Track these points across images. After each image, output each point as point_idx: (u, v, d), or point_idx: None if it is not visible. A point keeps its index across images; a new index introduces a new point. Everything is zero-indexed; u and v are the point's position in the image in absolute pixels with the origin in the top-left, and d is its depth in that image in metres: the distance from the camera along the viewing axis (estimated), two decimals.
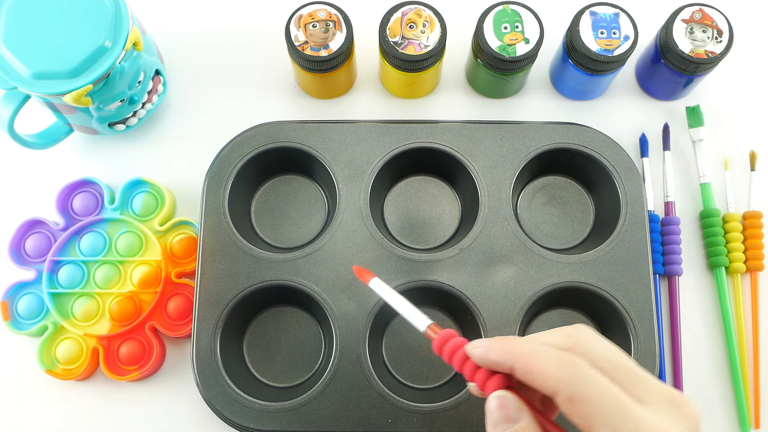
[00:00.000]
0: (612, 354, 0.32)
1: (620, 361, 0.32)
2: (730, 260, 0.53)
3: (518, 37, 0.51)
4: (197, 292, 0.50)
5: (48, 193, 0.55)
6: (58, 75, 0.47)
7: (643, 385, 0.31)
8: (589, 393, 0.30)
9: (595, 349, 0.32)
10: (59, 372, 0.51)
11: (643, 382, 0.31)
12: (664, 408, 0.31)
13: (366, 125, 0.53)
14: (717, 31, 0.51)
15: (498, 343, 0.33)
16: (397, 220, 0.54)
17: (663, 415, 0.30)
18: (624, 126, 0.57)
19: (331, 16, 0.52)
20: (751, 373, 0.52)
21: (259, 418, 0.47)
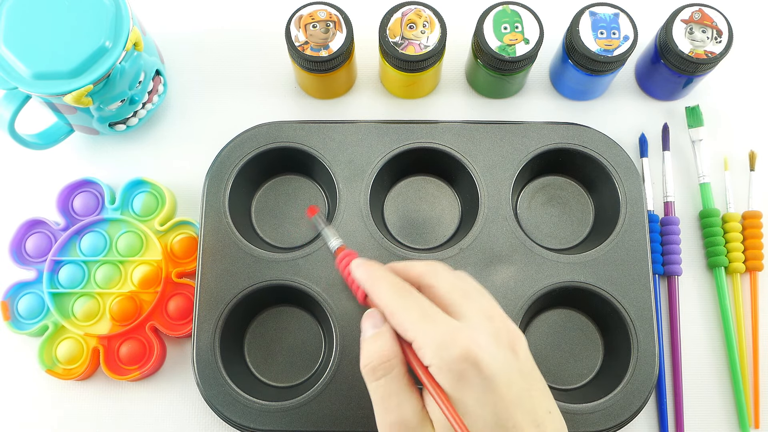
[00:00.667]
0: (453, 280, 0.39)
1: (456, 285, 0.38)
2: (729, 260, 0.53)
3: (518, 37, 0.51)
4: (197, 291, 0.50)
5: (48, 193, 0.55)
6: (58, 75, 0.47)
7: (467, 302, 0.38)
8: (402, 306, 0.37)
9: (440, 277, 0.39)
10: (60, 372, 0.51)
11: (468, 301, 0.38)
12: (477, 320, 0.37)
13: (366, 125, 0.53)
14: (716, 32, 0.51)
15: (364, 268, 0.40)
16: (397, 220, 0.54)
17: (473, 324, 0.36)
18: (624, 126, 0.57)
19: (332, 16, 0.52)
20: (750, 373, 0.52)
21: (259, 418, 0.47)
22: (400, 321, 0.37)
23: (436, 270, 0.39)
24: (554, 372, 0.51)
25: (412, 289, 0.38)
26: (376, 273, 0.40)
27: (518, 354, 0.37)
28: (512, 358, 0.36)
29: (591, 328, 0.52)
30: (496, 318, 0.37)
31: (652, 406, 0.52)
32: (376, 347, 0.37)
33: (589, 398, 0.49)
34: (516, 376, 0.36)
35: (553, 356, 0.51)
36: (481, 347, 0.35)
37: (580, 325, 0.52)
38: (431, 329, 0.36)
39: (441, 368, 0.35)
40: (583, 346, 0.52)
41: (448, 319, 0.37)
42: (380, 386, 0.37)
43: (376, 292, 0.39)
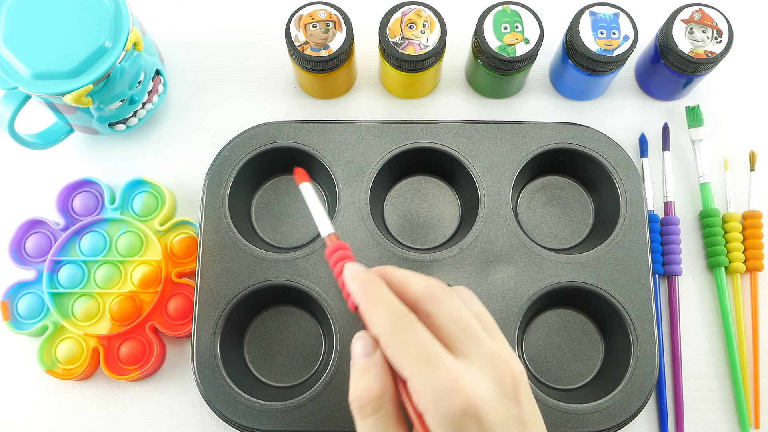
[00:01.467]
0: (454, 310, 0.35)
1: (458, 318, 0.35)
2: (729, 260, 0.53)
3: (518, 37, 0.51)
4: (197, 291, 0.50)
5: (48, 193, 0.55)
6: (58, 75, 0.47)
7: (471, 342, 0.34)
8: (400, 341, 0.34)
9: (442, 306, 0.35)
10: (59, 372, 0.51)
11: (472, 340, 0.34)
12: (481, 364, 0.34)
13: (366, 125, 0.53)
14: (717, 32, 0.51)
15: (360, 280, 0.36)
16: (397, 220, 0.54)
17: (477, 370, 0.33)
18: (624, 126, 0.57)
19: (331, 16, 0.52)
20: (750, 373, 0.52)
21: (259, 417, 0.47)
22: (395, 357, 0.34)
23: (435, 296, 0.35)
24: (554, 372, 0.51)
25: (411, 319, 0.34)
26: (373, 292, 0.36)
27: (520, 402, 0.34)
28: (514, 408, 0.34)
29: (591, 328, 0.52)
30: (500, 362, 0.34)
31: (652, 406, 0.52)
32: (364, 383, 0.35)
33: (589, 398, 0.49)
34: (515, 426, 0.33)
35: (553, 356, 0.51)
36: (484, 400, 0.32)
37: (580, 325, 0.52)
38: (430, 374, 0.33)
39: (437, 419, 0.32)
40: (583, 346, 0.52)
41: (449, 361, 0.33)
42: (366, 427, 0.34)
43: (372, 318, 0.35)
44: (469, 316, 0.35)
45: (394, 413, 0.34)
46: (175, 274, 0.52)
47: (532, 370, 0.51)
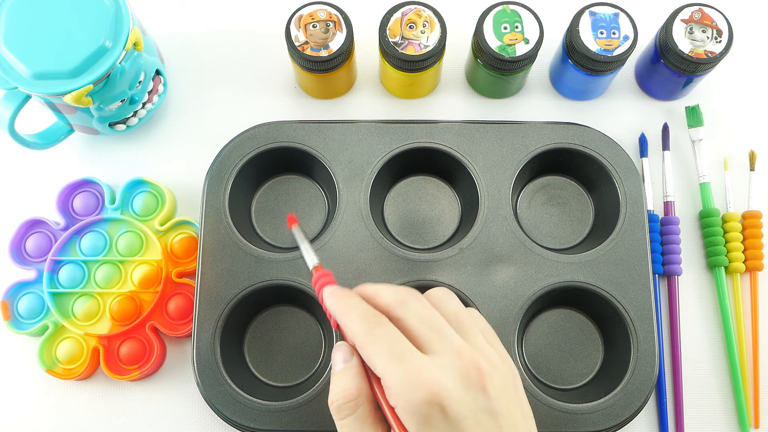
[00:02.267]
0: (421, 311, 0.37)
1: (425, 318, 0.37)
2: (729, 260, 0.53)
3: (518, 37, 0.51)
4: (197, 291, 0.50)
5: (48, 193, 0.55)
6: (58, 75, 0.47)
7: (438, 339, 0.36)
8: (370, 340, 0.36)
9: (409, 309, 0.37)
10: (60, 371, 0.51)
11: (439, 337, 0.36)
12: (446, 358, 0.35)
13: (366, 125, 0.53)
14: (716, 31, 0.51)
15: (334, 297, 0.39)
16: (397, 220, 0.54)
17: (442, 364, 0.35)
18: (623, 126, 0.57)
19: (331, 16, 0.52)
20: (750, 373, 0.52)
21: (259, 417, 0.47)
22: (367, 355, 0.36)
23: (404, 301, 0.37)
24: (554, 372, 0.51)
25: (382, 320, 0.37)
26: (346, 302, 0.38)
27: (488, 394, 0.35)
28: (482, 398, 0.35)
29: (591, 328, 0.52)
30: (465, 356, 0.36)
31: (652, 406, 0.52)
32: (341, 385, 0.37)
33: (589, 398, 0.49)
34: (484, 417, 0.35)
35: (553, 356, 0.51)
36: (447, 389, 0.34)
37: (580, 325, 0.52)
38: (397, 368, 0.35)
39: (406, 410, 0.34)
40: (583, 346, 0.52)
41: (416, 356, 0.35)
42: (344, 426, 0.36)
43: (346, 323, 0.37)
44: (436, 316, 0.37)
45: (371, 413, 0.36)
46: (175, 274, 0.52)
47: (532, 370, 0.51)
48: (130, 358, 0.51)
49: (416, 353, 0.35)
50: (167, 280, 0.51)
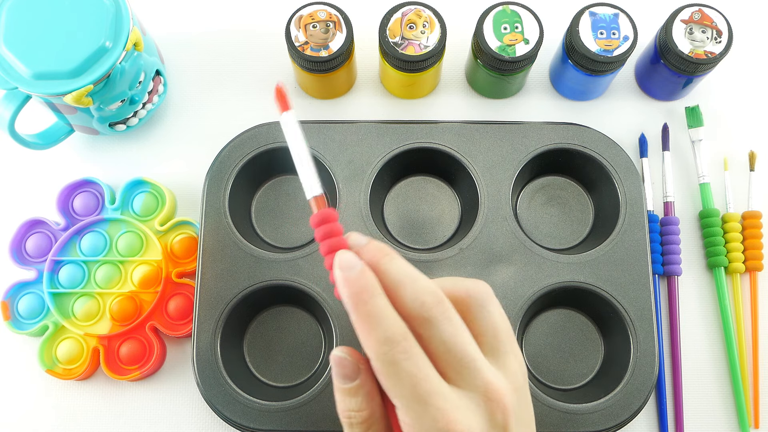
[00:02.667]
0: (448, 338, 0.32)
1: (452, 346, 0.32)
2: (729, 260, 0.53)
3: (518, 37, 0.51)
4: (197, 291, 0.50)
5: (48, 193, 0.55)
6: (58, 75, 0.47)
7: (465, 372, 0.32)
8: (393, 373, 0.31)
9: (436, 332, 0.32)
10: (60, 372, 0.51)
11: (466, 370, 0.32)
12: (474, 398, 0.32)
13: (366, 125, 0.53)
14: (716, 32, 0.51)
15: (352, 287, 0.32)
16: (397, 220, 0.54)
17: (470, 405, 0.32)
18: (623, 126, 0.57)
19: (331, 16, 0.52)
20: (750, 373, 0.52)
21: (259, 417, 0.47)
22: (387, 386, 0.32)
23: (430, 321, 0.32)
24: (554, 372, 0.51)
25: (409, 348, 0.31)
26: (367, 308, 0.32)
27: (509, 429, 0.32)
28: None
29: (591, 328, 0.52)
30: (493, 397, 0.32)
31: (652, 406, 0.52)
32: (353, 404, 0.33)
33: (589, 398, 0.49)
34: None
35: (553, 356, 0.51)
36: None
37: (580, 325, 0.52)
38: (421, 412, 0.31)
39: None
40: (583, 346, 0.52)
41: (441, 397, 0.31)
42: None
43: (365, 338, 0.32)
44: (466, 344, 0.32)
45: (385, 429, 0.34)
46: (175, 274, 0.52)
47: (532, 370, 0.51)
48: (130, 358, 0.51)
49: (442, 392, 0.31)
50: (167, 280, 0.51)
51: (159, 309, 0.51)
